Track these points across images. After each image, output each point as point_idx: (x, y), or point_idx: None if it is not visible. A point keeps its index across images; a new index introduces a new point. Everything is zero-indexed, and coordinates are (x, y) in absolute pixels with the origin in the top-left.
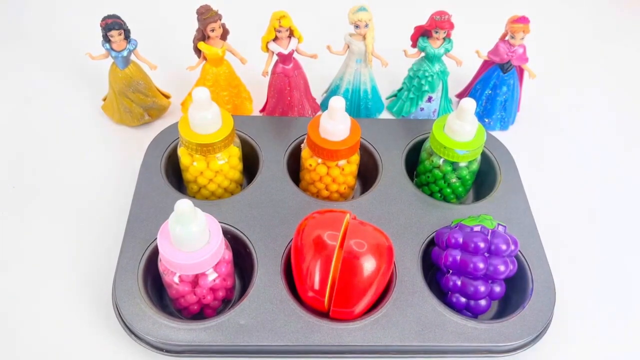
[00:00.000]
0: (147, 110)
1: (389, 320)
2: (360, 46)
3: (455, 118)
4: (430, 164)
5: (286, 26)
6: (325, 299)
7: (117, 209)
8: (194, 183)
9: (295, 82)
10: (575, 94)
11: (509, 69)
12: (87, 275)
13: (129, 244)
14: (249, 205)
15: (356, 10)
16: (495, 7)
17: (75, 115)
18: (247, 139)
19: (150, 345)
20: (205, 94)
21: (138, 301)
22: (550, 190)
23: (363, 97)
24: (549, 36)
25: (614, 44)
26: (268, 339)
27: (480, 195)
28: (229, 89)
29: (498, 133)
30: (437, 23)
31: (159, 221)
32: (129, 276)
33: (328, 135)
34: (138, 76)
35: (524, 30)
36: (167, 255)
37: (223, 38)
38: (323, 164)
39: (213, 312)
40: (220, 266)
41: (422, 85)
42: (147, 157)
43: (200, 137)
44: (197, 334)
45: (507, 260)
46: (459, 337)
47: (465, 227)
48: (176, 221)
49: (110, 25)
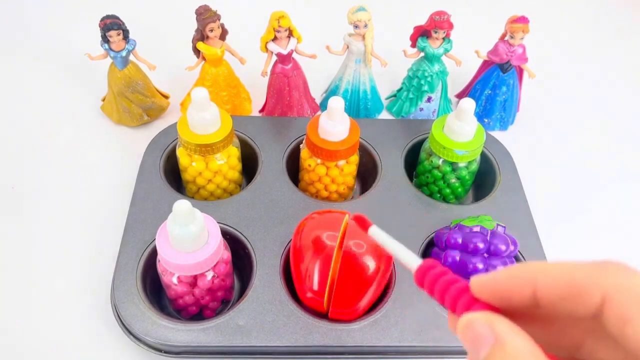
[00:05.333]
0: (146, 111)
1: (388, 321)
2: (359, 46)
3: (454, 118)
4: (430, 165)
5: (285, 26)
6: (324, 299)
7: (116, 210)
8: (193, 183)
9: (294, 82)
10: (575, 94)
11: (508, 69)
12: (86, 276)
13: (127, 245)
14: (248, 206)
15: (355, 11)
16: (495, 7)
17: (74, 115)
18: (246, 139)
19: (149, 346)
20: (204, 94)
21: (137, 302)
22: (549, 190)
23: (362, 97)
24: (549, 36)
25: (614, 43)
26: (267, 340)
27: (479, 196)
28: (228, 89)
29: (497, 133)
30: (436, 23)
31: (158, 222)
32: (127, 277)
33: (327, 136)
34: (137, 76)
35: (524, 30)
36: (165, 256)
37: (222, 38)
38: (322, 164)
39: (212, 312)
40: (219, 267)
41: (421, 86)
42: (146, 157)
43: (199, 137)
44: (196, 334)
45: (507, 261)
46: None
47: (465, 227)
48: (175, 222)
49: (109, 25)
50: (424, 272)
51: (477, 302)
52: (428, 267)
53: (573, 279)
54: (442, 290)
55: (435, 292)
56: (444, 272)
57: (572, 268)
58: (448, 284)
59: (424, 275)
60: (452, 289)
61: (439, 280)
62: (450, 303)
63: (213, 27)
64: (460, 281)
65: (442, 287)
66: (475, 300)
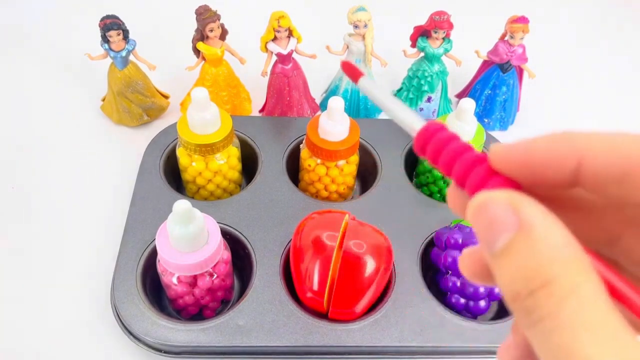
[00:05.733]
0: (146, 111)
1: (388, 321)
2: (359, 46)
3: (454, 118)
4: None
5: (285, 26)
6: (324, 299)
7: (116, 210)
8: (193, 183)
9: (294, 82)
10: (575, 94)
11: (508, 69)
12: (85, 276)
13: (127, 245)
14: (248, 206)
15: (355, 11)
16: (495, 7)
17: (74, 115)
18: (246, 139)
19: (149, 346)
20: (204, 94)
21: (137, 302)
22: None
23: (362, 97)
24: (549, 36)
25: (614, 43)
26: (267, 340)
27: None
28: (228, 89)
29: (497, 133)
30: (436, 23)
31: (158, 222)
32: (127, 277)
33: (327, 136)
34: (137, 76)
35: (524, 30)
36: (165, 256)
37: (222, 38)
38: (322, 164)
39: (212, 312)
40: (219, 267)
41: (421, 86)
42: (146, 157)
43: (199, 137)
44: (196, 334)
45: None
46: (459, 337)
47: (465, 227)
48: (175, 222)
49: (109, 25)
50: (428, 135)
51: (496, 175)
52: (434, 130)
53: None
54: (449, 158)
55: (439, 161)
56: (452, 138)
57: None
58: (458, 151)
59: (427, 139)
60: (464, 157)
61: (446, 145)
62: (459, 174)
63: (213, 27)
64: (474, 150)
65: (450, 154)
66: (493, 173)
